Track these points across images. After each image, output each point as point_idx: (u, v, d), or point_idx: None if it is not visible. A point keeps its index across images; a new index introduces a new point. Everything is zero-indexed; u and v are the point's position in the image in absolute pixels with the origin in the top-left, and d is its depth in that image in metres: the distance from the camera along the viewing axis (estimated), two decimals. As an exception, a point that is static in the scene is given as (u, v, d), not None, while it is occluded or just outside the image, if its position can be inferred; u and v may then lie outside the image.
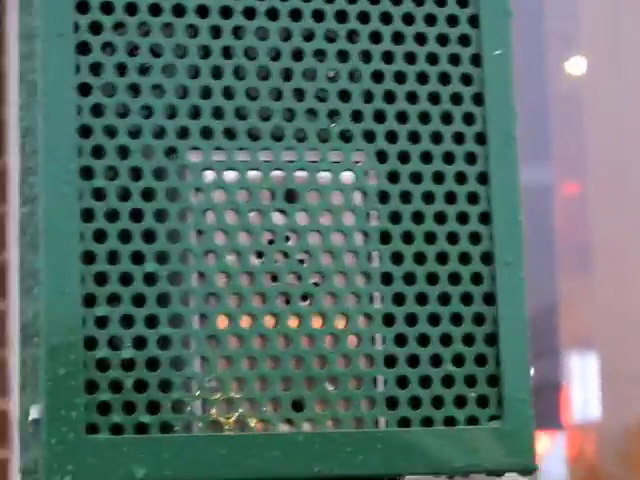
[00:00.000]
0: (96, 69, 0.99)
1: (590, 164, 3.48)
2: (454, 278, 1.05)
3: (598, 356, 3.46)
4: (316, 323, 1.02)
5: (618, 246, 3.20)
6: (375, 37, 1.06)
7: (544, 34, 3.72)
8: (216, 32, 1.02)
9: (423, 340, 1.04)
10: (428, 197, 1.04)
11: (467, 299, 1.04)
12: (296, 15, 1.04)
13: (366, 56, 1.04)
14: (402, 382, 1.03)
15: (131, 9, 1.00)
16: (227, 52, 1.02)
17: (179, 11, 1.02)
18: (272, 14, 1.03)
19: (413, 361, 1.03)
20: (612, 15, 3.31)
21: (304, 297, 1.01)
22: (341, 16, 1.05)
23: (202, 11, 1.02)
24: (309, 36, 1.04)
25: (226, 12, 1.03)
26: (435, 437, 1.02)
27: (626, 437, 3.28)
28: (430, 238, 1.04)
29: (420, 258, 1.04)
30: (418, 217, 1.04)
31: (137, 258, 0.98)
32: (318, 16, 1.04)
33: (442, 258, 1.04)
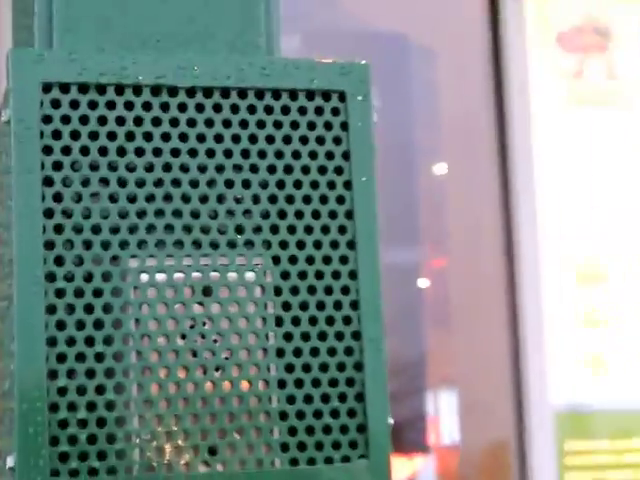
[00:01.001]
0: (58, 198, 1.14)
1: (452, 245, 3.68)
2: (332, 351, 1.20)
3: (458, 392, 3.67)
4: (226, 387, 1.16)
5: (472, 307, 3.40)
6: (279, 181, 1.21)
7: (415, 144, 3.93)
8: (151, 168, 1.18)
9: (308, 398, 1.19)
10: (311, 290, 1.20)
11: (341, 367, 1.21)
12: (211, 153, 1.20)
13: (264, 186, 1.21)
14: (292, 431, 1.19)
15: (84, 151, 1.16)
16: (160, 182, 1.18)
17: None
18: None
19: (300, 415, 1.19)
20: (466, 128, 3.54)
21: (217, 368, 1.16)
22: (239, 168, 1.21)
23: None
24: (221, 167, 1.20)
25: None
26: (316, 472, 1.19)
27: (482, 455, 3.50)
28: (313, 321, 1.20)
29: (306, 337, 1.20)
30: (304, 306, 1.20)
31: (89, 341, 1.13)
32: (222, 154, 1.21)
33: (323, 336, 1.20)
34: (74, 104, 1.17)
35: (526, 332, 3.73)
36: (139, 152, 1.19)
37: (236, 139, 1.22)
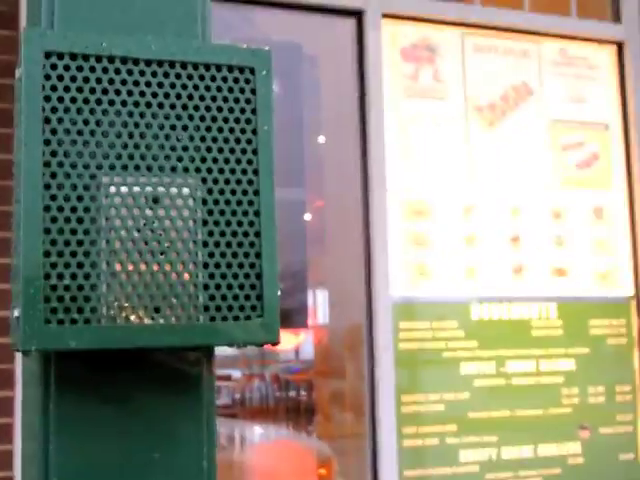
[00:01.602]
0: (54, 132, 1.12)
1: (328, 190, 3.72)
2: (240, 244, 1.20)
3: (329, 289, 3.71)
4: (167, 267, 1.16)
5: (339, 233, 3.44)
6: (207, 127, 1.20)
7: (304, 122, 3.95)
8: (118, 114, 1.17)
9: (223, 276, 1.19)
10: (227, 202, 1.20)
11: (246, 255, 1.21)
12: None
13: (197, 129, 1.19)
14: (212, 298, 1.18)
15: (73, 100, 1.14)
16: (125, 124, 1.16)
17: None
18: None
19: (217, 287, 1.19)
20: (339, 110, 3.56)
21: (161, 253, 1.16)
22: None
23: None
24: (167, 116, 1.19)
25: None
26: (228, 326, 1.19)
27: (344, 332, 3.55)
28: (228, 223, 1.20)
29: (222, 234, 1.20)
30: (222, 212, 1.20)
31: (73, 232, 1.12)
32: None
33: (234, 234, 1.20)
34: (66, 67, 1.15)
35: (375, 248, 3.77)
36: (111, 102, 1.17)
37: (178, 96, 1.20)
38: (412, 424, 3.72)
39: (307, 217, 4.57)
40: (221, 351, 1.40)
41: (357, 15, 3.97)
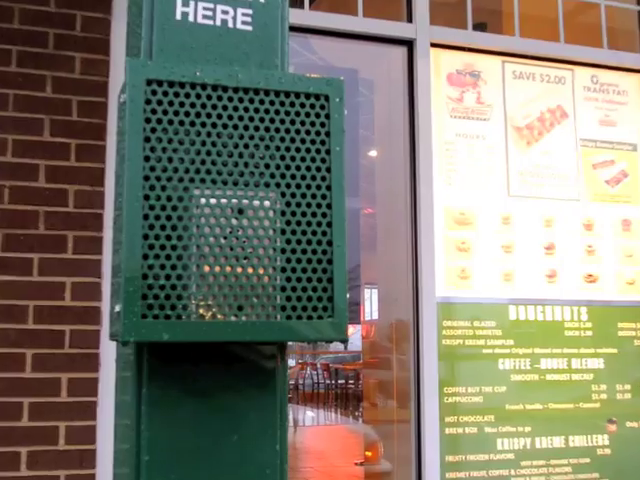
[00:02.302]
0: (152, 149, 1.15)
1: (378, 200, 3.75)
2: (314, 251, 1.22)
3: (379, 289, 3.71)
4: (250, 270, 1.18)
5: (389, 238, 3.44)
6: (287, 147, 1.22)
7: (359, 137, 4.00)
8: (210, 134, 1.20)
9: (298, 279, 1.21)
10: (304, 214, 1.21)
11: (320, 261, 1.22)
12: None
13: (278, 149, 1.21)
14: (288, 299, 1.20)
15: (170, 122, 1.16)
16: (214, 144, 1.18)
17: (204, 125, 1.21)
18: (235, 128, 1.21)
19: (294, 289, 1.20)
20: (390, 129, 3.58)
21: (245, 258, 1.18)
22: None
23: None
24: (252, 137, 1.21)
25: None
26: (302, 324, 1.20)
27: (391, 327, 3.55)
28: (304, 233, 1.21)
29: (299, 242, 1.21)
30: (299, 223, 1.21)
31: (168, 237, 1.14)
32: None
33: (309, 242, 1.21)
34: (165, 93, 1.18)
35: (421, 253, 3.76)
36: (203, 125, 1.19)
37: (262, 120, 1.22)
38: (453, 414, 3.70)
39: (361, 222, 4.57)
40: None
41: (408, 44, 3.97)
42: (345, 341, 1.23)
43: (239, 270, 1.19)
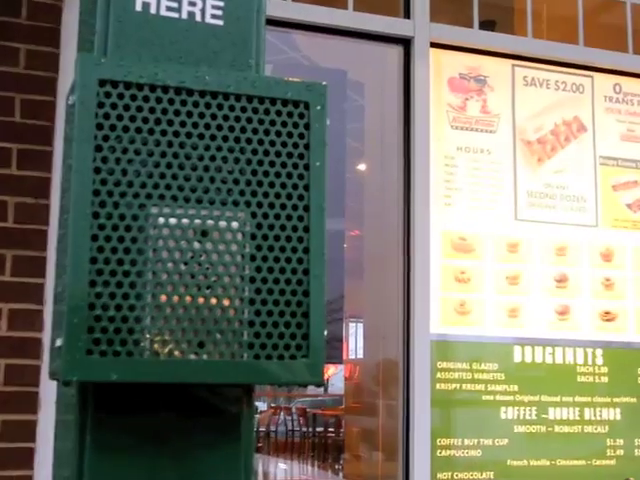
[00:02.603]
0: (104, 160, 1.15)
1: (366, 221, 3.75)
2: (288, 281, 1.22)
3: (364, 323, 3.71)
4: (213, 301, 1.18)
5: (377, 264, 3.43)
6: (259, 160, 1.22)
7: (346, 148, 4.01)
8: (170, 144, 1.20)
9: (269, 313, 1.21)
10: (276, 237, 1.21)
11: (294, 293, 1.22)
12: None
13: (248, 163, 1.21)
14: (257, 335, 1.19)
15: (125, 129, 1.16)
16: (176, 155, 1.18)
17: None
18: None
19: (263, 324, 1.20)
20: (383, 139, 3.57)
21: (207, 287, 1.18)
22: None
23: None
24: (219, 148, 1.21)
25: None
26: (272, 365, 1.20)
27: (378, 368, 3.54)
28: (276, 260, 1.21)
29: (270, 270, 1.21)
30: (271, 248, 1.21)
31: (120, 262, 1.14)
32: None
33: (282, 270, 1.21)
34: (120, 96, 1.18)
35: (415, 283, 3.77)
36: (163, 133, 1.19)
37: (231, 129, 1.23)
38: (447, 469, 3.70)
39: (344, 246, 4.58)
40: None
41: (405, 43, 3.99)
42: (320, 385, 1.24)
43: (201, 301, 1.18)
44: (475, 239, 3.91)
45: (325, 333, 1.26)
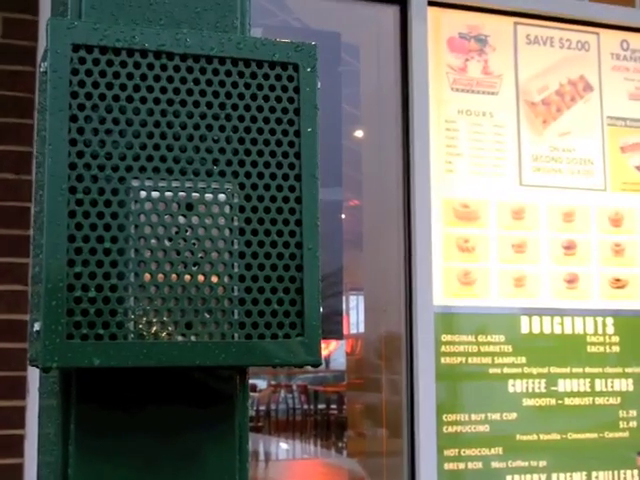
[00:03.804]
0: (80, 131, 1.12)
1: (365, 190, 3.70)
2: (280, 256, 1.19)
3: (365, 296, 3.69)
4: (201, 279, 1.15)
5: (377, 235, 3.41)
6: (246, 127, 1.19)
7: (341, 114, 3.96)
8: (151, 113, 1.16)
9: (261, 290, 1.18)
10: (267, 209, 1.19)
11: (286, 268, 1.19)
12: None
13: (235, 130, 1.18)
14: (248, 314, 1.17)
15: (101, 97, 1.13)
16: (157, 123, 1.15)
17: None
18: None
19: (255, 302, 1.18)
20: (379, 104, 3.52)
21: (194, 264, 1.15)
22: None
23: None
24: (203, 115, 1.18)
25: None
26: (265, 345, 1.18)
27: (380, 342, 3.53)
28: (267, 233, 1.18)
29: (261, 244, 1.18)
30: (261, 221, 1.18)
31: (99, 239, 1.11)
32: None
33: (274, 244, 1.19)
34: (95, 61, 1.15)
35: (416, 253, 3.74)
36: (143, 100, 1.16)
37: (216, 95, 1.20)
38: (454, 445, 3.69)
39: (343, 217, 4.56)
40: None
41: (401, 3, 3.94)
42: (318, 365, 1.22)
43: (187, 279, 1.16)
44: (478, 206, 3.87)
45: (321, 310, 1.22)
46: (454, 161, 3.88)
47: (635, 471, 3.91)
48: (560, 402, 3.84)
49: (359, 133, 4.37)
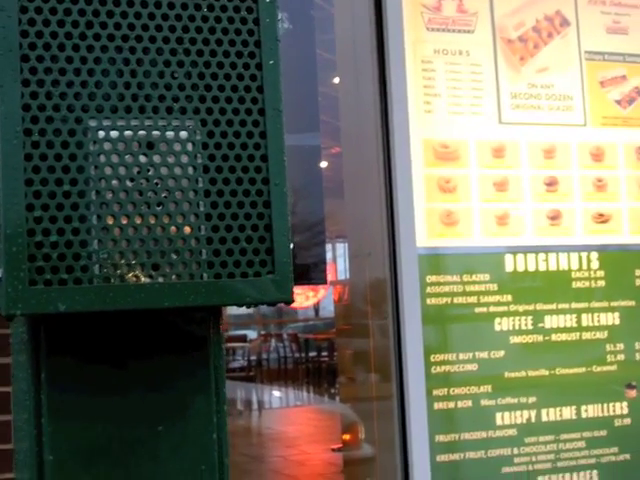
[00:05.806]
0: (33, 71, 1.08)
1: (344, 137, 3.69)
2: (246, 193, 1.16)
3: (348, 242, 3.69)
4: (165, 219, 1.13)
5: (358, 182, 3.40)
6: (206, 62, 1.16)
7: (317, 61, 3.91)
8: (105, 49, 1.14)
9: (228, 228, 1.15)
10: (231, 146, 1.15)
11: (254, 205, 1.17)
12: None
13: (194, 65, 1.14)
14: (216, 253, 1.14)
15: (53, 35, 1.09)
16: (113, 60, 1.12)
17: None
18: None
19: (222, 240, 1.15)
20: (355, 50, 3.49)
21: (158, 204, 1.12)
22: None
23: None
24: (160, 51, 1.15)
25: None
26: (235, 284, 1.15)
27: (366, 287, 3.53)
28: (232, 170, 1.15)
29: (226, 181, 1.15)
30: (225, 158, 1.15)
31: (58, 182, 1.08)
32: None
33: (240, 181, 1.16)
34: (45, -2, 1.10)
35: (397, 196, 3.71)
36: (96, 37, 1.13)
37: (172, 29, 1.16)
38: (443, 385, 3.69)
39: (323, 165, 4.52)
40: (234, 310, 1.37)
41: (374, -59, 3.88)
42: (290, 302, 1.20)
43: (152, 219, 1.13)
44: (458, 146, 3.84)
45: (291, 246, 1.20)
46: (432, 101, 3.84)
47: (624, 403, 3.92)
48: (547, 338, 3.84)
49: (336, 80, 4.32)
